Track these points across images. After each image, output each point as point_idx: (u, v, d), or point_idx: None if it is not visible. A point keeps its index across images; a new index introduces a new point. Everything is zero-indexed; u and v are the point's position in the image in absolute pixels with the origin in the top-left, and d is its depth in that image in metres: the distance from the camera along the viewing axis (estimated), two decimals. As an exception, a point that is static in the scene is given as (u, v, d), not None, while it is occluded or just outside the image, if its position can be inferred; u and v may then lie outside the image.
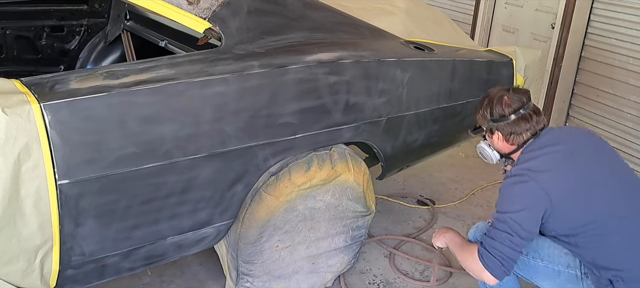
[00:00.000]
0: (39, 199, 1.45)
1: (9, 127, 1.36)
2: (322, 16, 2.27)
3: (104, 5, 2.96)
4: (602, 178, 1.81)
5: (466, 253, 1.86)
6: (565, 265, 1.84)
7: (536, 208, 1.74)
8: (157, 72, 1.67)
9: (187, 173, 1.73)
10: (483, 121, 1.97)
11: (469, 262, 1.83)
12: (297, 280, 2.31)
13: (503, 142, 1.94)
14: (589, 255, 1.77)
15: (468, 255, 1.84)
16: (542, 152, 1.81)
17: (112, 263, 1.74)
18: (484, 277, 1.76)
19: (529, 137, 1.87)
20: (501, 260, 1.73)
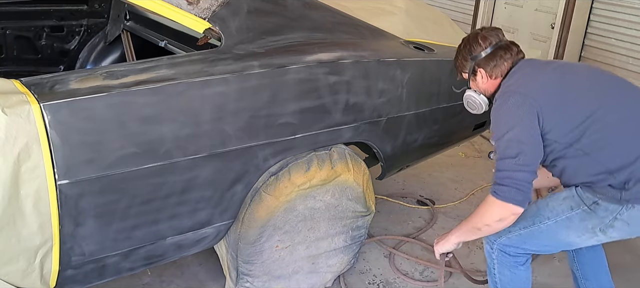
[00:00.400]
0: (38, 199, 1.45)
1: (9, 127, 1.36)
2: (322, 16, 2.27)
3: (103, 5, 2.96)
4: (586, 79, 1.83)
5: (480, 212, 1.80)
6: (569, 208, 1.80)
7: (528, 117, 1.72)
8: (157, 72, 1.67)
9: (187, 174, 1.73)
10: (464, 65, 2.00)
11: (487, 214, 1.77)
12: (297, 280, 2.31)
13: (487, 79, 1.95)
14: (600, 160, 1.71)
15: (483, 211, 1.78)
16: (521, 72, 1.86)
17: (112, 264, 1.74)
18: (507, 213, 1.71)
19: (510, 65, 1.90)
20: (516, 185, 1.68)
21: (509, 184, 1.70)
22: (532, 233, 1.87)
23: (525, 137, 1.71)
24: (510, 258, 1.97)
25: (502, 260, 1.98)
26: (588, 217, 1.77)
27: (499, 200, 1.72)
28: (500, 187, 1.72)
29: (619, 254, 2.34)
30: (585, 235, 1.80)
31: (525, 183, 1.69)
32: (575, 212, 1.79)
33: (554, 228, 1.84)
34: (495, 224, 1.77)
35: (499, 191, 1.72)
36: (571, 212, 1.80)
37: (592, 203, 1.76)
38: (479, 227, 1.83)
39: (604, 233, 1.77)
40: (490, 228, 1.79)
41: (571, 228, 1.81)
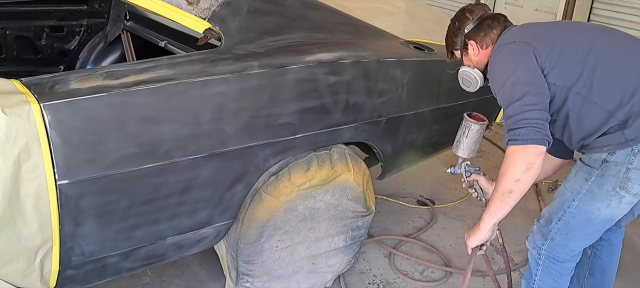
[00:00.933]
0: (38, 199, 1.45)
1: (9, 127, 1.36)
2: (322, 16, 2.27)
3: (103, 5, 2.96)
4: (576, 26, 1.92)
5: (504, 173, 1.72)
6: (583, 180, 1.80)
7: (527, 60, 1.73)
8: (157, 72, 1.67)
9: (187, 174, 1.73)
10: (455, 41, 2.01)
11: (511, 168, 1.68)
12: (297, 280, 2.31)
13: (478, 50, 1.96)
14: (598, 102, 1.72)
15: (506, 169, 1.70)
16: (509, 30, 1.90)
17: (112, 264, 1.74)
18: (531, 156, 1.64)
19: (499, 32, 1.92)
20: (531, 124, 1.64)
21: (523, 125, 1.65)
22: (567, 223, 1.86)
23: (528, 78, 1.70)
24: (557, 265, 1.96)
25: (548, 267, 1.98)
26: (603, 180, 1.76)
27: (518, 146, 1.65)
28: (514, 131, 1.67)
29: (621, 255, 2.34)
30: (613, 202, 1.77)
31: (540, 121, 1.65)
32: (591, 181, 1.78)
33: (582, 207, 1.82)
34: (525, 176, 1.67)
35: (514, 136, 1.67)
36: (587, 183, 1.79)
37: (601, 163, 1.76)
38: (510, 189, 1.71)
39: (626, 190, 1.73)
40: (521, 183, 1.69)
41: (596, 200, 1.79)
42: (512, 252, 2.89)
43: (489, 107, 2.82)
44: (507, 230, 3.10)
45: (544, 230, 1.97)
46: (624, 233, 2.22)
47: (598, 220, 1.83)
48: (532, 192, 3.58)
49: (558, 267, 1.97)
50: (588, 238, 1.93)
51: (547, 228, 1.94)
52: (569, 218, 1.86)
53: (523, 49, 1.76)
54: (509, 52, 1.79)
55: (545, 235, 1.95)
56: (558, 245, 1.93)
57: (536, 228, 2.02)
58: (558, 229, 1.91)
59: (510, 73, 1.73)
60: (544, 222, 1.98)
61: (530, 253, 2.05)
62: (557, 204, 1.91)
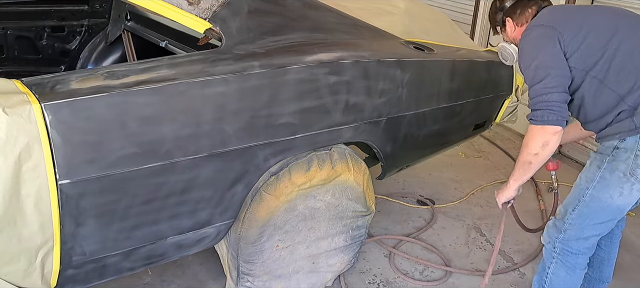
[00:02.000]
0: (39, 199, 1.46)
1: (10, 127, 1.37)
2: (322, 16, 2.27)
3: (104, 5, 2.96)
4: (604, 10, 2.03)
5: (524, 146, 1.89)
6: (596, 168, 1.91)
7: (551, 44, 1.83)
8: (157, 72, 1.68)
9: (187, 173, 1.74)
10: (495, 18, 2.16)
11: (530, 143, 1.86)
12: (297, 279, 2.32)
13: (514, 27, 2.09)
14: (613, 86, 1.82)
15: (526, 142, 1.87)
16: (542, 11, 2.00)
17: (113, 263, 1.75)
18: (547, 135, 1.80)
19: (534, 11, 2.03)
20: (548, 107, 1.79)
21: (542, 107, 1.80)
22: (581, 213, 1.96)
23: (550, 62, 1.82)
24: (571, 257, 2.04)
25: (564, 259, 2.05)
26: (615, 165, 1.86)
27: (536, 125, 1.82)
28: (534, 112, 1.83)
29: (619, 254, 2.34)
30: (625, 188, 1.86)
31: (557, 103, 1.79)
32: (604, 168, 1.89)
33: (596, 195, 1.91)
34: (542, 151, 1.84)
35: (534, 116, 1.83)
36: (599, 170, 1.90)
37: (612, 150, 1.87)
38: (529, 160, 1.89)
39: (635, 176, 1.83)
40: (539, 157, 1.86)
41: (609, 186, 1.88)
42: (512, 251, 2.90)
43: (488, 108, 2.84)
44: (508, 230, 3.10)
45: (558, 224, 2.05)
46: (624, 225, 2.29)
47: (611, 208, 1.91)
48: (532, 192, 3.58)
49: (572, 260, 2.04)
50: (601, 227, 1.99)
51: (562, 221, 2.03)
52: (583, 207, 1.95)
53: (548, 32, 1.86)
54: (536, 35, 1.89)
55: (560, 228, 2.03)
56: (572, 236, 2.01)
57: (551, 223, 2.10)
58: (572, 219, 1.99)
59: (533, 56, 1.85)
60: (560, 216, 2.05)
61: (545, 248, 2.12)
62: (572, 195, 2.01)
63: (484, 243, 2.98)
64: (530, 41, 1.90)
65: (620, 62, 1.81)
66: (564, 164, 2.28)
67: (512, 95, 2.81)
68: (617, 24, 1.87)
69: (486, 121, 2.88)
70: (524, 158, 1.91)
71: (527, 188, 3.67)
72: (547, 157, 1.86)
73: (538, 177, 3.74)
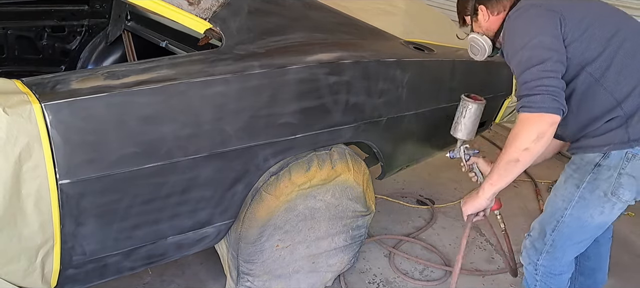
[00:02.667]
0: (40, 199, 1.46)
1: (10, 127, 1.37)
2: (322, 16, 2.27)
3: (105, 5, 2.96)
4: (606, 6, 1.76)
5: (513, 140, 1.62)
6: (575, 187, 1.75)
7: (551, 25, 1.63)
8: (157, 72, 1.68)
9: (187, 173, 1.74)
10: (465, 6, 1.93)
11: (522, 135, 1.59)
12: (297, 279, 2.32)
13: (488, 16, 1.87)
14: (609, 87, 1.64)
15: (516, 135, 1.61)
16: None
17: (113, 263, 1.75)
18: (545, 125, 1.56)
19: (512, 1, 1.81)
20: (548, 92, 1.54)
21: (541, 91, 1.55)
22: (561, 233, 1.82)
23: (551, 44, 1.60)
24: (555, 278, 1.94)
25: (547, 280, 1.95)
26: (596, 184, 1.71)
27: (533, 113, 1.56)
28: (529, 97, 1.57)
29: (618, 254, 2.35)
30: (606, 208, 1.73)
31: (558, 90, 1.56)
32: (583, 187, 1.73)
33: (575, 214, 1.77)
34: (534, 145, 1.58)
35: (529, 102, 1.57)
36: (578, 189, 1.74)
37: (593, 167, 1.70)
38: (516, 158, 1.62)
39: (617, 196, 1.69)
40: (530, 152, 1.60)
41: (589, 206, 1.74)
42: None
43: (487, 108, 2.83)
44: (508, 230, 3.10)
45: (537, 245, 1.93)
46: (611, 231, 2.17)
47: (591, 226, 1.80)
48: (532, 191, 3.58)
49: (556, 281, 1.95)
50: (581, 245, 1.89)
51: (541, 241, 1.91)
52: (562, 227, 1.82)
53: (550, 14, 1.65)
54: (534, 14, 1.67)
55: (540, 250, 1.91)
56: (554, 258, 1.90)
57: (529, 243, 1.98)
58: (553, 240, 1.86)
59: (532, 36, 1.62)
60: (537, 235, 1.93)
61: (526, 269, 2.01)
62: (548, 214, 1.87)
63: (483, 243, 2.98)
64: (528, 20, 1.67)
65: (622, 61, 1.64)
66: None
67: (512, 95, 2.81)
68: (620, 21, 1.73)
69: (486, 121, 2.88)
70: (510, 155, 1.64)
71: (527, 188, 3.67)
72: (537, 154, 1.60)
73: (538, 177, 3.74)
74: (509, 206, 3.39)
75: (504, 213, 2.16)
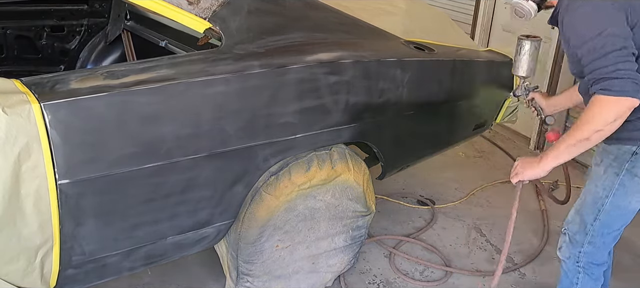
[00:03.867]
0: (39, 199, 1.45)
1: (9, 127, 1.36)
2: (322, 16, 2.27)
3: (104, 5, 2.96)
4: None
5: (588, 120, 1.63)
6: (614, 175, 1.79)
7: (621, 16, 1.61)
8: (157, 72, 1.67)
9: (187, 173, 1.73)
10: None
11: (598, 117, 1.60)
12: (297, 280, 2.31)
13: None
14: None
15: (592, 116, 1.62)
16: None
17: (113, 263, 1.74)
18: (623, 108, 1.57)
19: None
20: (629, 75, 1.56)
21: (622, 76, 1.56)
22: (602, 222, 1.86)
23: (623, 34, 1.60)
24: (597, 268, 1.96)
25: (590, 271, 1.96)
26: (635, 172, 1.76)
27: (612, 96, 1.57)
28: (611, 81, 1.57)
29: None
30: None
31: (635, 74, 1.57)
32: (622, 176, 1.78)
33: (616, 202, 1.82)
34: (608, 127, 1.61)
35: (611, 86, 1.57)
36: (618, 177, 1.79)
37: (631, 155, 1.76)
38: (588, 137, 1.64)
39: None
40: (602, 133, 1.63)
41: (629, 193, 1.79)
42: (511, 251, 2.89)
43: (488, 108, 2.83)
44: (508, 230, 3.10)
45: (578, 237, 1.93)
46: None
47: (629, 212, 1.84)
48: (532, 191, 3.58)
49: (597, 271, 1.97)
50: (618, 233, 1.91)
51: (582, 233, 1.92)
52: (604, 216, 1.85)
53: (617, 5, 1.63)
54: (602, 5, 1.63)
55: (581, 241, 1.92)
56: (596, 247, 1.92)
57: (568, 238, 1.98)
58: (595, 230, 1.88)
59: (604, 26, 1.60)
60: (578, 227, 1.94)
61: (566, 264, 2.01)
62: (589, 204, 1.88)
63: (484, 243, 2.98)
64: (595, 9, 1.64)
65: None
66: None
67: (512, 95, 2.80)
68: None
69: (486, 121, 2.87)
70: (583, 135, 1.64)
71: (527, 188, 3.67)
72: (608, 134, 1.63)
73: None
74: (509, 206, 3.38)
75: (503, 213, 2.15)
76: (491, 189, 3.59)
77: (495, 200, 3.45)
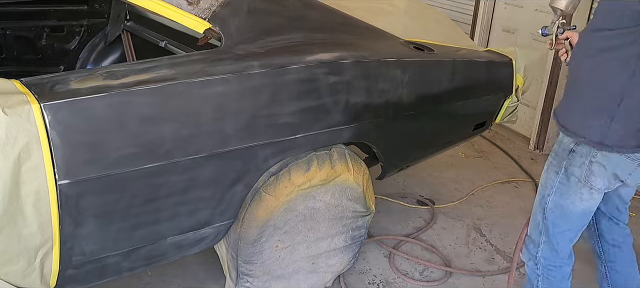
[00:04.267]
0: (39, 199, 1.46)
1: (9, 127, 1.36)
2: (322, 16, 2.27)
3: (104, 5, 2.96)
4: None
5: None
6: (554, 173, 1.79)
7: None
8: (157, 72, 1.67)
9: (187, 174, 1.74)
10: None
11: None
12: (297, 280, 2.32)
13: None
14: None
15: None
16: None
17: (113, 263, 1.74)
18: None
19: None
20: None
21: None
22: (550, 221, 1.85)
23: None
24: (555, 271, 1.92)
25: (548, 275, 1.93)
26: (571, 171, 1.74)
27: None
28: None
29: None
30: (584, 194, 1.75)
31: None
32: (561, 174, 1.78)
33: (558, 201, 1.81)
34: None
35: None
36: (557, 176, 1.79)
37: (568, 153, 1.74)
38: None
39: (590, 185, 1.72)
40: None
41: (569, 193, 1.77)
42: (511, 252, 2.89)
43: (487, 108, 2.83)
44: (507, 230, 3.10)
45: (534, 236, 1.94)
46: (629, 235, 2.09)
47: (575, 213, 1.81)
48: (532, 191, 3.58)
49: (557, 273, 1.93)
50: (571, 233, 1.87)
51: (536, 232, 1.92)
52: (549, 214, 1.85)
53: None
54: None
55: (537, 241, 1.92)
56: (552, 249, 1.90)
57: (527, 238, 1.99)
58: (545, 229, 1.88)
59: None
60: (532, 229, 1.95)
61: (528, 265, 2.00)
62: (536, 203, 1.91)
63: (483, 243, 2.98)
64: None
65: None
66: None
67: (513, 95, 2.80)
68: None
69: (486, 121, 2.87)
70: None
71: (527, 188, 3.67)
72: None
73: (539, 177, 3.74)
74: (509, 206, 3.40)
75: (503, 213, 2.14)
76: (491, 189, 3.60)
77: (495, 200, 3.45)
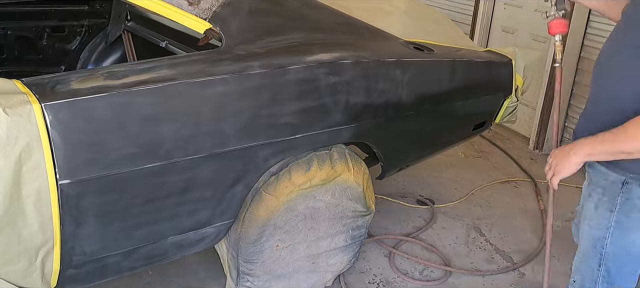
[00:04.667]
0: (39, 199, 1.46)
1: (10, 127, 1.37)
2: (321, 16, 2.28)
3: (104, 5, 2.96)
4: None
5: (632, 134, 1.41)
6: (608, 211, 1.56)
7: None
8: (157, 72, 1.68)
9: (187, 173, 1.74)
10: None
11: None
12: (297, 279, 2.32)
13: None
14: None
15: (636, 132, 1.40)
16: None
17: (113, 263, 1.75)
18: None
19: None
20: None
21: None
22: (608, 268, 1.62)
23: None
24: None
25: None
26: (630, 205, 1.53)
27: None
28: None
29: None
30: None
31: None
32: (617, 210, 1.55)
33: (618, 242, 1.58)
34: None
35: None
36: (613, 213, 1.56)
37: (622, 186, 1.53)
38: (629, 151, 1.43)
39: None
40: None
41: (630, 230, 1.55)
42: (511, 251, 2.90)
43: (487, 108, 2.84)
44: (506, 229, 3.11)
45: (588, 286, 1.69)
46: None
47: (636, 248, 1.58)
48: (532, 191, 3.59)
49: None
50: (635, 275, 1.64)
51: (590, 282, 1.67)
52: (607, 261, 1.61)
53: None
54: None
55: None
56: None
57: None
58: (607, 275, 1.63)
59: None
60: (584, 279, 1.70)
61: None
62: (587, 249, 1.65)
63: (483, 243, 2.98)
64: None
65: None
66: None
67: (512, 95, 2.81)
68: None
69: (486, 121, 2.88)
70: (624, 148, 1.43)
71: (527, 188, 3.67)
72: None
73: (538, 177, 3.75)
74: (508, 206, 3.40)
75: (503, 213, 2.14)
76: (491, 189, 3.60)
77: (495, 200, 3.46)
